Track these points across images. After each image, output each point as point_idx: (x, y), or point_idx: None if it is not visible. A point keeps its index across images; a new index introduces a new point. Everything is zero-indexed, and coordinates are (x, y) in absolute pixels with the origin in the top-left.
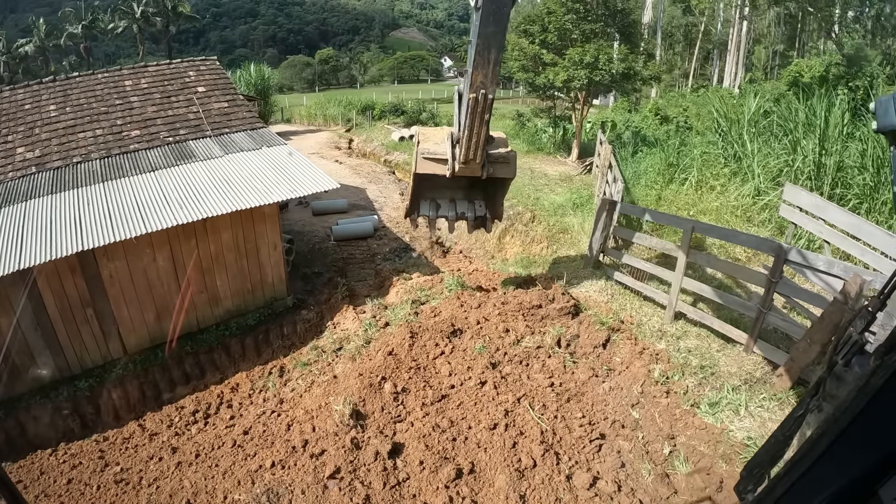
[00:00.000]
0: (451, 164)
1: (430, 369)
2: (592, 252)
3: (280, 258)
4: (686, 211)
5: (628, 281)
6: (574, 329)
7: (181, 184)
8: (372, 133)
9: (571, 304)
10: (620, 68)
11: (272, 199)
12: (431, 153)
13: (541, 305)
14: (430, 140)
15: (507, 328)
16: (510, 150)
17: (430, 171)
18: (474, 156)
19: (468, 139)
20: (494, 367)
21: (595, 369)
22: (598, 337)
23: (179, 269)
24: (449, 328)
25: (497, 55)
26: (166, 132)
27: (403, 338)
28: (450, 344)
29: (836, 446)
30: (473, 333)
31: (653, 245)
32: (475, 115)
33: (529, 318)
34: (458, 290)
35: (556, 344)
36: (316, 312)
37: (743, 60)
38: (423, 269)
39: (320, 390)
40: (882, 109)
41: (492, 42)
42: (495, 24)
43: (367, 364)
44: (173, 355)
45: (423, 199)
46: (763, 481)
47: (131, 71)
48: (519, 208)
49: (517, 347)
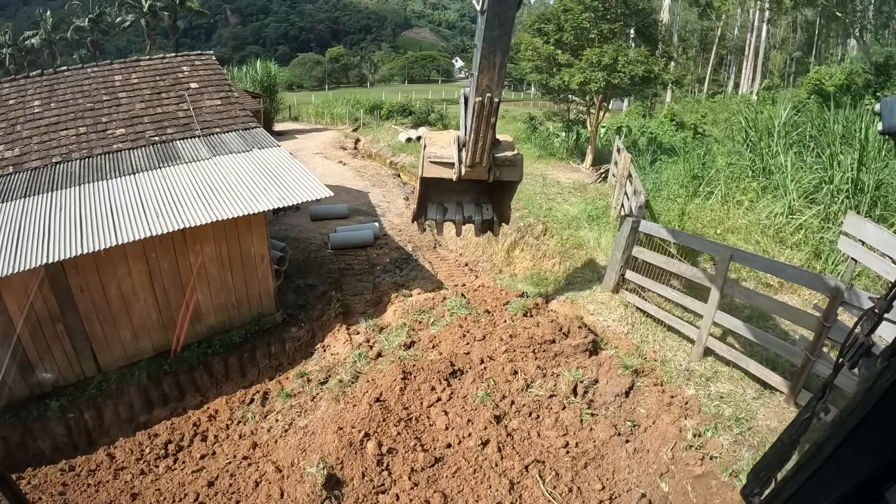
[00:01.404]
0: (458, 167)
1: (424, 421)
2: (612, 275)
3: (268, 271)
4: (712, 229)
5: (652, 310)
6: (592, 372)
7: (161, 189)
8: (379, 133)
9: (589, 341)
10: (640, 71)
11: (258, 209)
12: (438, 157)
13: (554, 340)
14: (437, 144)
15: (515, 369)
16: (517, 153)
17: (436, 174)
18: (480, 159)
19: (474, 143)
20: (499, 421)
21: (617, 425)
22: (621, 383)
23: (157, 283)
24: (447, 368)
25: (503, 59)
26: (153, 131)
27: (394, 379)
28: (448, 388)
29: (842, 449)
30: (476, 375)
31: (682, 272)
32: (481, 119)
33: (541, 355)
34: (462, 314)
35: (572, 391)
36: (307, 330)
37: (761, 66)
38: (424, 284)
39: (295, 440)
40: (888, 110)
41: (497, 45)
42: (500, 28)
43: (349, 415)
44: (151, 375)
45: (429, 203)
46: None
47: (122, 65)
48: (530, 220)
49: (526, 395)
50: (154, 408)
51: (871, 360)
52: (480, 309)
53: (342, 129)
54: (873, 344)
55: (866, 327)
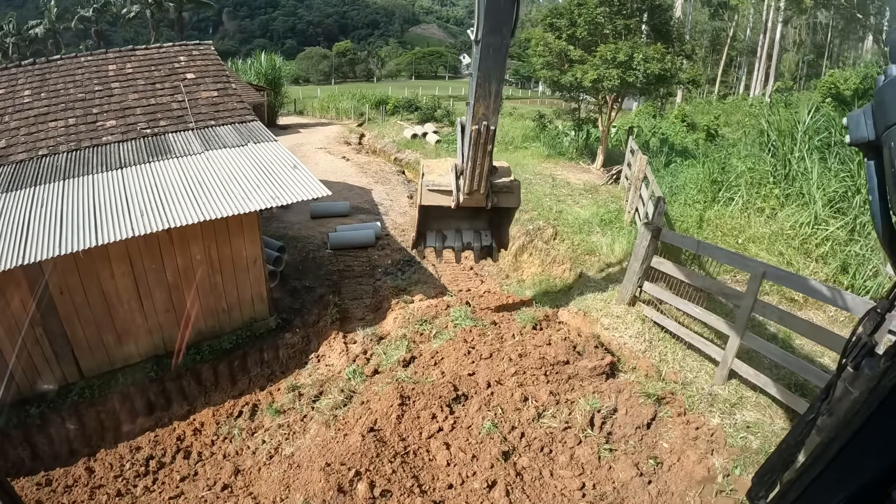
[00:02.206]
0: (456, 195)
1: (423, 455)
2: (628, 286)
3: (261, 274)
4: (733, 238)
5: (671, 326)
6: (611, 400)
7: (148, 185)
8: (384, 129)
9: (607, 363)
10: (656, 69)
11: (249, 208)
12: (436, 185)
13: (568, 361)
14: (435, 172)
15: (526, 395)
16: (514, 179)
17: (435, 202)
18: (478, 186)
19: (472, 170)
20: (507, 458)
21: (639, 464)
22: (642, 414)
23: (142, 285)
24: (450, 392)
25: (498, 87)
26: (144, 123)
27: (391, 405)
28: (451, 416)
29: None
30: (482, 402)
31: (708, 287)
32: (478, 147)
33: (553, 378)
34: (466, 325)
35: (589, 423)
36: (301, 336)
37: (774, 68)
38: (427, 288)
39: (279, 472)
40: (854, 123)
41: (492, 75)
42: (495, 57)
43: (339, 448)
44: (136, 382)
45: (429, 231)
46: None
47: (117, 55)
48: (539, 222)
49: (538, 426)
50: (138, 416)
51: (874, 360)
52: (487, 320)
53: (347, 124)
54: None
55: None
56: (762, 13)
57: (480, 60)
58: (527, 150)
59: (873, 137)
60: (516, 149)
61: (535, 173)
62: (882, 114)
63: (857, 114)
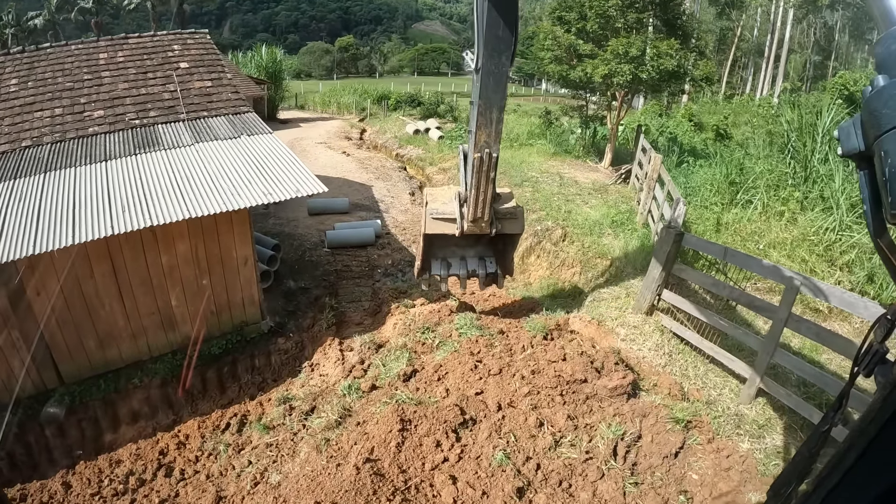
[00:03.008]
0: (460, 222)
1: (425, 490)
2: (646, 294)
3: (252, 275)
4: (753, 243)
5: (692, 338)
6: (634, 425)
7: (133, 179)
8: (386, 124)
9: (629, 382)
10: (670, 65)
11: (238, 205)
12: (440, 213)
13: (586, 380)
14: (438, 200)
15: (541, 419)
16: (517, 205)
17: (439, 230)
18: (482, 214)
19: (475, 198)
20: (522, 495)
21: (668, 501)
22: (670, 441)
23: (124, 286)
24: (457, 416)
25: (499, 114)
26: (134, 114)
27: (390, 429)
28: (457, 444)
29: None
30: (492, 427)
31: (736, 298)
32: (481, 174)
33: (570, 398)
34: (472, 334)
35: (612, 452)
36: (295, 342)
37: (782, 69)
38: (430, 291)
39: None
40: (844, 135)
41: (493, 102)
42: (496, 85)
43: (330, 482)
44: (119, 388)
45: (433, 259)
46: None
47: (109, 43)
48: (548, 223)
49: (555, 456)
50: (121, 425)
51: (887, 367)
52: (493, 328)
53: (348, 119)
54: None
55: (880, 334)
56: (769, 14)
57: (481, 88)
58: (532, 147)
59: (864, 148)
60: (521, 146)
61: (541, 171)
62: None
63: (848, 125)
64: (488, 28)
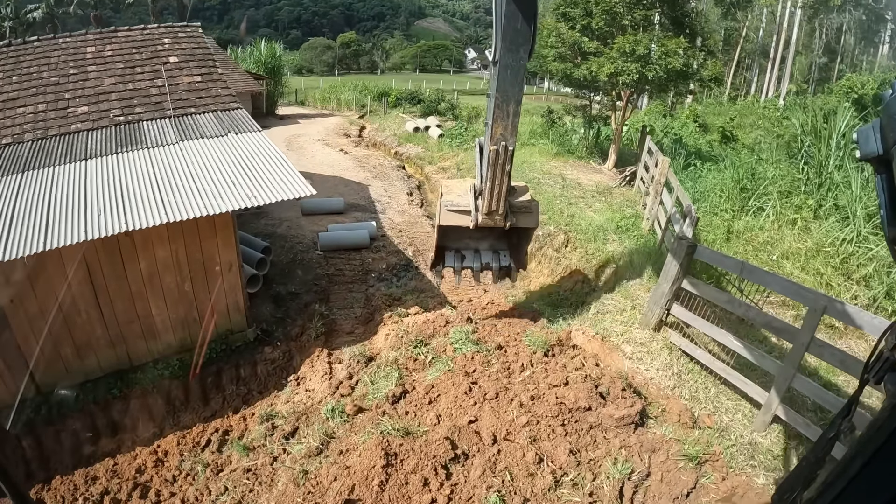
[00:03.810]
0: (475, 215)
1: None
2: (654, 309)
3: (237, 281)
4: (766, 253)
5: (704, 358)
6: (642, 461)
7: (112, 180)
8: (385, 121)
9: (636, 411)
10: (678, 64)
11: (219, 208)
12: (455, 205)
13: (590, 408)
14: (453, 192)
15: (540, 454)
16: (532, 199)
17: (453, 222)
18: (497, 207)
19: (490, 191)
20: None
21: None
22: (681, 481)
23: (101, 293)
24: (447, 451)
25: (516, 108)
26: (118, 110)
27: (373, 465)
28: (447, 482)
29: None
30: (486, 463)
31: (752, 318)
32: (496, 167)
33: (573, 428)
34: (468, 350)
35: (618, 494)
36: (283, 351)
37: (789, 70)
38: (424, 298)
39: None
40: (863, 138)
41: (510, 95)
42: (513, 78)
43: None
44: (98, 399)
45: (447, 251)
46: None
47: (98, 36)
48: (550, 228)
49: (555, 498)
50: (101, 438)
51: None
52: (491, 342)
53: (348, 116)
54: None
55: (891, 342)
56: (775, 15)
57: (499, 81)
58: (534, 147)
59: (882, 152)
60: (523, 145)
61: (543, 172)
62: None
63: (867, 128)
64: (507, 21)
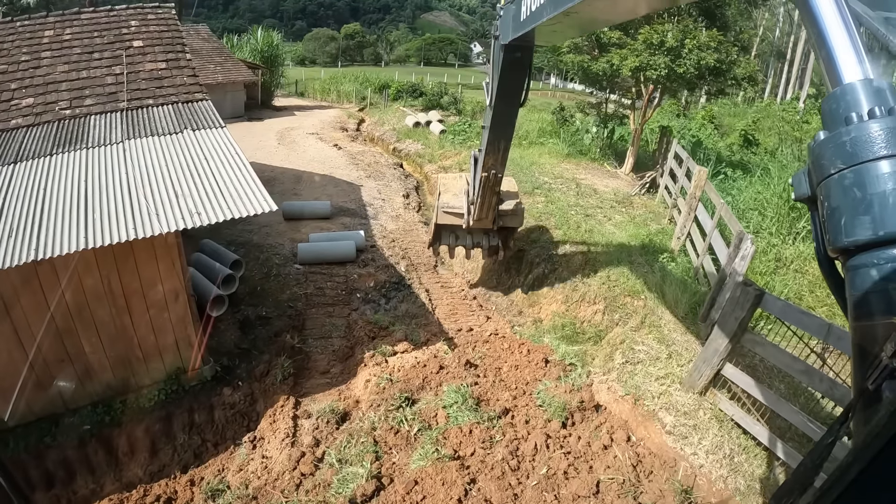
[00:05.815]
0: (467, 218)
1: None
2: (703, 368)
3: (186, 312)
4: (823, 289)
5: (763, 436)
6: None
7: (35, 190)
8: (385, 115)
9: None
10: (711, 60)
11: (152, 230)
12: (451, 207)
13: None
14: (450, 191)
15: None
16: (518, 202)
17: (449, 222)
18: (486, 216)
19: (480, 205)
20: None
21: None
22: None
23: (21, 329)
24: None
25: (506, 145)
26: (66, 102)
27: None
28: None
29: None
30: None
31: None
32: (486, 189)
33: None
34: (465, 420)
35: None
36: (244, 393)
37: (809, 72)
38: (415, 329)
39: None
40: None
41: (502, 136)
42: (506, 124)
43: None
44: (29, 447)
45: (444, 230)
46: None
47: (58, 19)
48: (567, 247)
49: None
50: (35, 491)
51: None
52: (494, 402)
53: (347, 108)
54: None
55: (890, 349)
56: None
57: (492, 125)
58: (543, 146)
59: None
60: (531, 144)
61: (554, 176)
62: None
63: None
64: (502, 74)
